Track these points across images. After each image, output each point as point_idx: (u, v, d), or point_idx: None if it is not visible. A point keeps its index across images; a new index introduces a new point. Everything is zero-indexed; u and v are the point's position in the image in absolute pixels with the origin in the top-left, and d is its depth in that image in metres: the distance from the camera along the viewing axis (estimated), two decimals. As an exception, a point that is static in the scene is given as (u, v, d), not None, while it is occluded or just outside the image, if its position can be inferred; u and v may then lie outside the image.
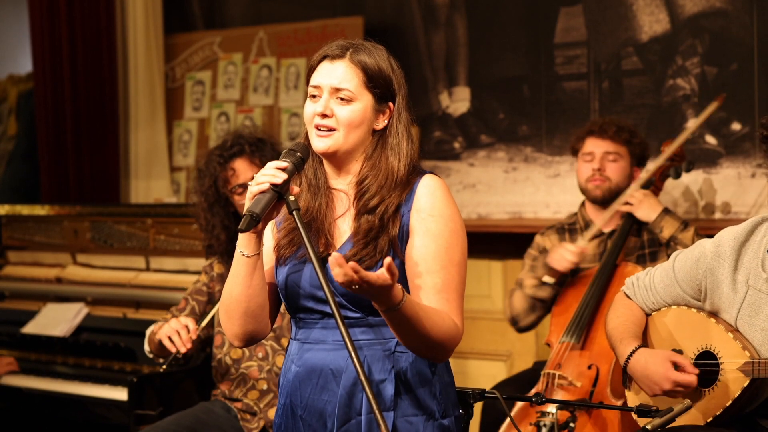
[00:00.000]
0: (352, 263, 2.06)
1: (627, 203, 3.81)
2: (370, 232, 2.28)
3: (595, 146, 3.89)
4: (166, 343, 3.29)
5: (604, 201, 3.88)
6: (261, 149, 3.55)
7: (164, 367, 3.42)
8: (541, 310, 3.89)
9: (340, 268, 2.04)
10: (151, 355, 3.54)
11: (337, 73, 2.30)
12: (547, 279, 3.80)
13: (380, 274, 2.06)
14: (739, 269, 2.68)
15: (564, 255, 3.73)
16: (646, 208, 3.77)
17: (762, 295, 2.62)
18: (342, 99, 2.29)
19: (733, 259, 2.68)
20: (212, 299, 3.61)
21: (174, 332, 3.29)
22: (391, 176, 2.32)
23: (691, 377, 2.65)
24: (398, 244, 2.29)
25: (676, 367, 2.67)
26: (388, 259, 2.08)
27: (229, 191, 3.55)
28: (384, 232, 2.28)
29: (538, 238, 4.00)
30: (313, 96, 2.32)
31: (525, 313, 3.90)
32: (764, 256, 2.64)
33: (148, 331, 3.54)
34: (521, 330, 3.99)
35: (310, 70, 2.35)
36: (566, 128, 4.66)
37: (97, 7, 5.68)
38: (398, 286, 2.12)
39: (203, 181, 3.59)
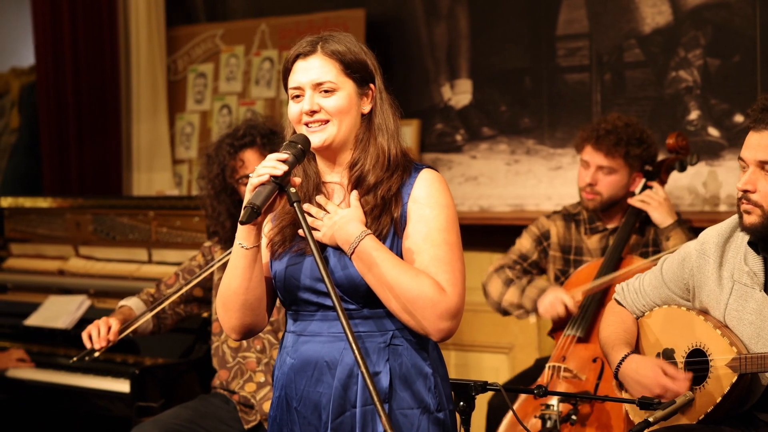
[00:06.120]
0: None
1: (643, 201, 3.78)
2: (373, 210, 2.30)
3: (591, 156, 3.81)
4: (84, 337, 3.32)
5: (595, 211, 3.87)
6: (273, 141, 3.52)
7: (74, 359, 3.42)
8: (506, 314, 3.93)
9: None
10: None
11: (314, 68, 2.32)
12: (532, 319, 3.84)
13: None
14: (723, 265, 2.71)
15: (556, 307, 3.68)
16: (663, 213, 3.74)
17: (747, 289, 2.65)
18: (326, 91, 2.31)
19: (718, 255, 2.71)
20: (203, 284, 3.59)
21: (95, 328, 3.32)
22: (382, 155, 2.33)
23: (679, 384, 2.67)
24: (399, 225, 2.31)
25: (666, 374, 2.69)
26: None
27: (236, 181, 3.53)
28: (386, 212, 2.30)
29: (543, 219, 3.98)
30: (296, 96, 2.34)
31: (493, 304, 3.93)
32: (746, 250, 2.67)
33: (119, 303, 3.58)
34: (487, 301, 4.01)
35: (286, 72, 2.37)
36: (568, 121, 4.66)
37: (99, 0, 5.68)
38: (363, 226, 2.26)
39: (211, 168, 3.57)
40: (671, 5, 4.40)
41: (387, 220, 2.30)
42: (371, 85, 2.37)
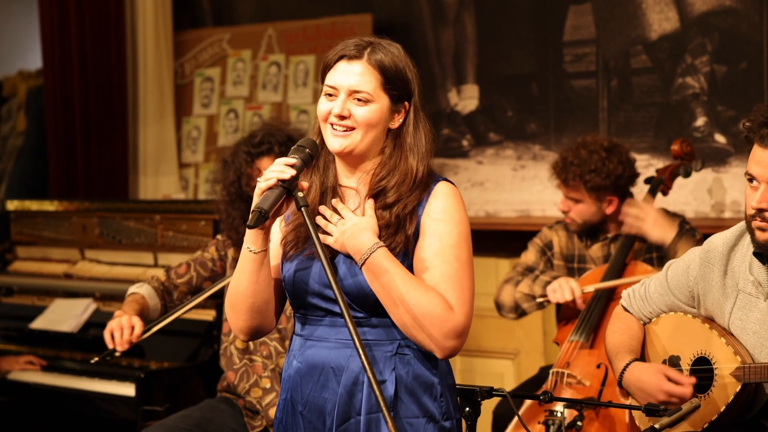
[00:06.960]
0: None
1: (636, 221, 3.74)
2: (387, 228, 2.29)
3: (559, 186, 3.85)
4: (107, 337, 3.29)
5: (581, 232, 3.87)
6: (290, 149, 3.50)
7: (96, 359, 3.38)
8: (522, 314, 3.89)
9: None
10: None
11: (354, 75, 2.29)
12: (540, 300, 3.77)
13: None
14: (728, 274, 2.70)
15: (564, 292, 3.66)
16: (661, 230, 3.71)
17: (751, 298, 2.64)
18: (359, 100, 2.29)
19: (723, 264, 2.70)
20: (214, 278, 3.58)
21: (118, 328, 3.29)
22: (409, 176, 2.31)
23: (683, 389, 2.66)
24: (412, 243, 2.29)
25: (670, 380, 2.69)
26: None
27: (251, 189, 3.52)
28: (401, 230, 2.29)
29: (545, 230, 3.98)
30: (330, 95, 2.32)
31: (508, 309, 3.89)
32: (752, 259, 2.66)
33: (129, 290, 3.55)
34: (502, 315, 3.97)
35: (326, 68, 2.34)
36: (575, 126, 4.66)
37: (107, 4, 5.69)
38: (376, 237, 2.25)
39: (227, 174, 3.56)
40: (678, 12, 4.40)
41: (401, 238, 2.29)
42: (405, 103, 2.35)
